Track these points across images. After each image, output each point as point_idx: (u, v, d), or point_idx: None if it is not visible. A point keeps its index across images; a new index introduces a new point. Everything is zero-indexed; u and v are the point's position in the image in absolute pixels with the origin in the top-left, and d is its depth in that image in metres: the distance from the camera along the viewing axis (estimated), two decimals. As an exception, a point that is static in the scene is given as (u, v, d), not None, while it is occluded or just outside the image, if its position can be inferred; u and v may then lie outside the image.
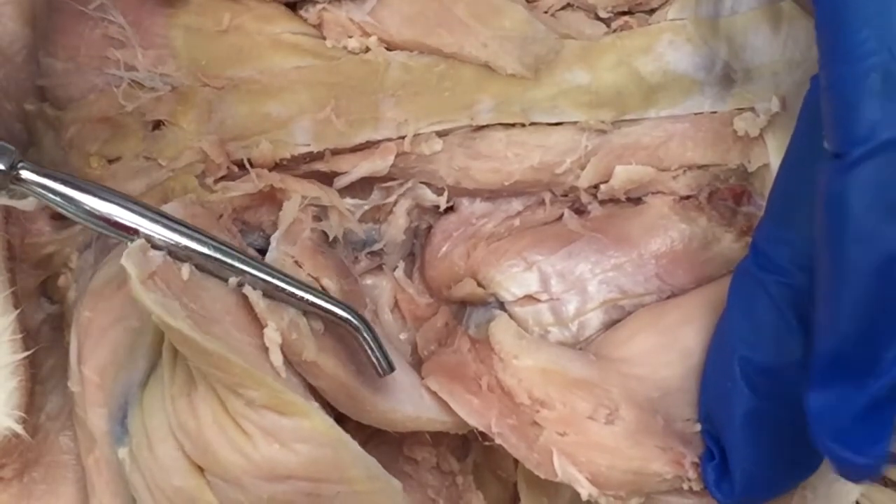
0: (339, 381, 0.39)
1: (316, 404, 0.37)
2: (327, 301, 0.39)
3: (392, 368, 0.40)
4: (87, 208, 0.38)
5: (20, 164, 0.38)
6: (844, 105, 0.31)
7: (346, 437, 0.37)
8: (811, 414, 0.34)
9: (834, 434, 0.33)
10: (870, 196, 0.31)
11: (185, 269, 0.37)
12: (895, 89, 0.30)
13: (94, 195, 0.38)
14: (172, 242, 0.37)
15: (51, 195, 0.38)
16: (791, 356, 0.37)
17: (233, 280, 0.38)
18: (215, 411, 0.36)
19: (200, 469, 0.37)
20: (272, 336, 0.37)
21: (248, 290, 0.38)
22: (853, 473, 0.35)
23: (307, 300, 0.39)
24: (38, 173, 0.38)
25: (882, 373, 0.32)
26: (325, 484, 0.37)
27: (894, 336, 0.32)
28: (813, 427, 0.34)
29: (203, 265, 0.38)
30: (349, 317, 0.39)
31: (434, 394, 0.41)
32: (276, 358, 0.37)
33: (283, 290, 0.39)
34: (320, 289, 0.41)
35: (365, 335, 0.39)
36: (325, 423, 0.37)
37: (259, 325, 0.38)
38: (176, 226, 0.38)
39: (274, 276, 0.39)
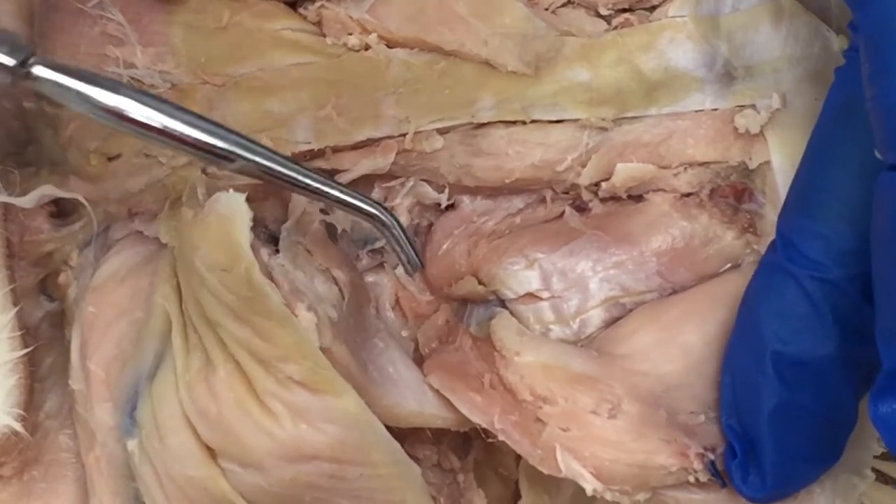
0: (348, 371, 0.39)
1: (349, 385, 0.37)
2: (359, 199, 0.40)
3: (422, 265, 0.40)
4: (104, 105, 0.35)
5: (32, 61, 0.35)
6: None
7: (375, 420, 0.37)
8: (883, 422, 0.33)
9: None
10: None
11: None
12: None
13: (113, 91, 0.35)
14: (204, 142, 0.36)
15: (65, 92, 0.36)
16: (826, 349, 0.37)
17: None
18: (238, 393, 0.36)
19: (214, 458, 0.37)
20: (307, 316, 0.37)
21: (275, 271, 0.38)
22: None
23: (339, 197, 0.39)
24: (52, 68, 0.35)
25: None
26: (348, 466, 0.37)
27: None
28: (886, 435, 0.33)
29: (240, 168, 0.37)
30: (379, 213, 0.40)
31: (437, 390, 0.41)
32: (313, 338, 0.37)
33: (319, 188, 0.39)
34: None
35: (395, 231, 0.40)
36: (357, 404, 0.37)
37: None
38: (206, 125, 0.37)
39: (311, 177, 0.39)
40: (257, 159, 0.37)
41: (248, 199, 0.42)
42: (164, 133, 0.36)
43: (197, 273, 0.37)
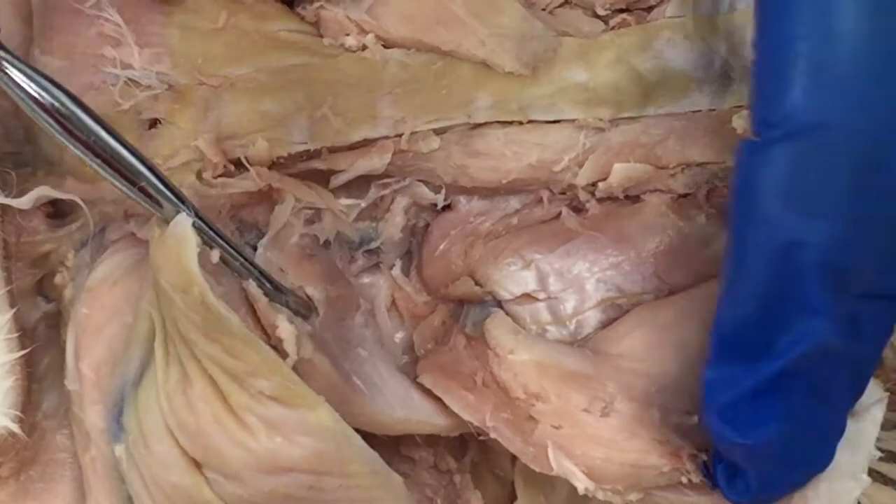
0: (331, 381, 0.39)
1: (322, 398, 0.37)
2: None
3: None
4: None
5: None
6: (767, 85, 0.32)
7: (351, 431, 0.37)
8: (704, 386, 0.35)
9: (720, 409, 0.35)
10: (778, 181, 0.32)
11: (215, 254, 0.37)
12: (820, 76, 0.31)
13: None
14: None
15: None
16: None
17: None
18: (214, 407, 0.36)
19: (198, 466, 0.37)
20: (287, 328, 0.38)
21: (250, 285, 0.38)
22: (731, 452, 0.36)
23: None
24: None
25: (773, 358, 0.34)
26: (326, 478, 0.37)
27: (788, 323, 0.33)
28: (702, 399, 0.35)
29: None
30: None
31: (426, 395, 0.41)
32: (293, 349, 0.37)
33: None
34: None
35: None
36: (331, 416, 0.37)
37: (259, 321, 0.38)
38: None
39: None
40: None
41: (240, 204, 0.43)
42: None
43: (164, 292, 0.37)
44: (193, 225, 0.36)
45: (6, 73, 0.35)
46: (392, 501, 0.39)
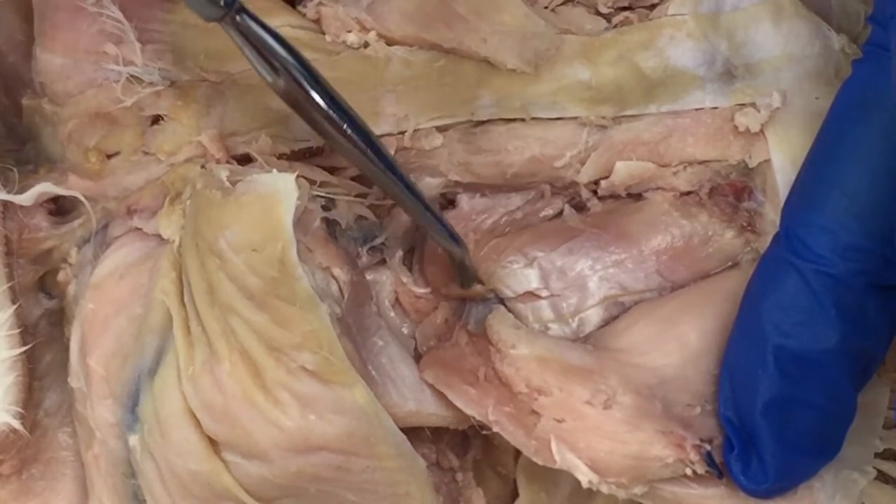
0: (353, 366, 0.39)
1: (359, 377, 0.37)
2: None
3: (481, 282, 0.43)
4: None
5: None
6: None
7: (383, 412, 0.38)
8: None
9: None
10: None
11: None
12: None
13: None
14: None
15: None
16: (827, 343, 0.37)
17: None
18: (244, 384, 0.37)
19: (217, 452, 0.37)
20: (323, 307, 0.37)
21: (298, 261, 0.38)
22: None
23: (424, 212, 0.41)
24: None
25: None
26: (355, 458, 0.37)
27: None
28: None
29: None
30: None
31: (433, 387, 0.41)
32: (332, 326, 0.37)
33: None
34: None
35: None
36: (366, 396, 0.37)
37: None
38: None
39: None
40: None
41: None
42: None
43: (218, 255, 0.37)
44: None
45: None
46: (415, 485, 0.39)
